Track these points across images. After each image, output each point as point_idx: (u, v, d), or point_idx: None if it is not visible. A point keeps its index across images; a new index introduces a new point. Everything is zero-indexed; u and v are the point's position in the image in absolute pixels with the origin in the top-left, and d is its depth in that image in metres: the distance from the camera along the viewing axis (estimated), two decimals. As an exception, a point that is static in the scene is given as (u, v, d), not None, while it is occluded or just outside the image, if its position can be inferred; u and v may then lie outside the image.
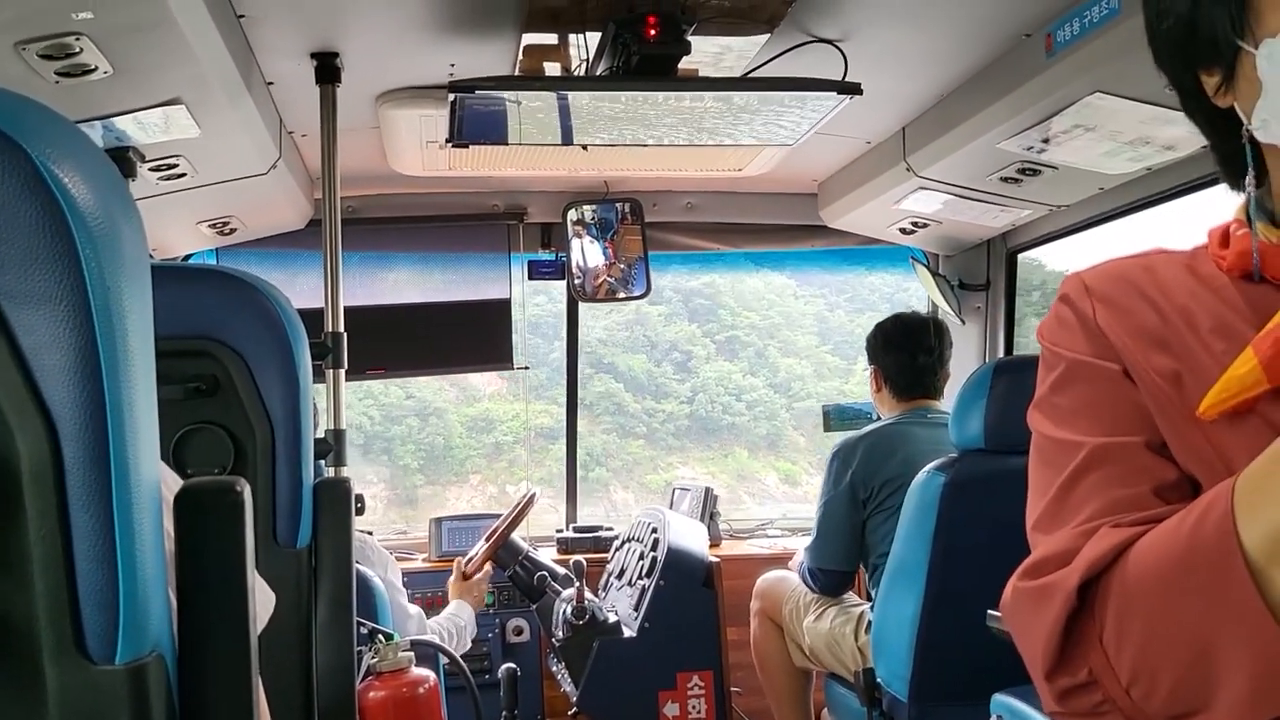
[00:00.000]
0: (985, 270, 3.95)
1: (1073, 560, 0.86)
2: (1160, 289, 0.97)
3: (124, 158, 2.52)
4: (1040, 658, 0.88)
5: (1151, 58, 1.00)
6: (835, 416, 4.36)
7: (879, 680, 2.86)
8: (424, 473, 9.57)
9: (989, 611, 2.34)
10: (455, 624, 3.17)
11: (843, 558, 3.26)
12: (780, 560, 3.88)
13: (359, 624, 1.92)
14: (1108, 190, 3.07)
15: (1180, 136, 2.57)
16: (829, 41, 2.50)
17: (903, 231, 3.80)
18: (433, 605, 3.66)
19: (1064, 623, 0.85)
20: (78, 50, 1.97)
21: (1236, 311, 0.92)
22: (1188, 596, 0.78)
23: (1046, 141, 2.73)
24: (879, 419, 3.51)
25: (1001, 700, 2.44)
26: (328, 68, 2.61)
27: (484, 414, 9.73)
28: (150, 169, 2.70)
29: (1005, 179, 3.08)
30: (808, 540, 3.40)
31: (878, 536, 3.14)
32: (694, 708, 3.12)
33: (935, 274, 3.97)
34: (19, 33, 1.88)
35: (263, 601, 0.90)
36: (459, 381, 9.78)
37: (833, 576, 3.29)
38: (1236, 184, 0.99)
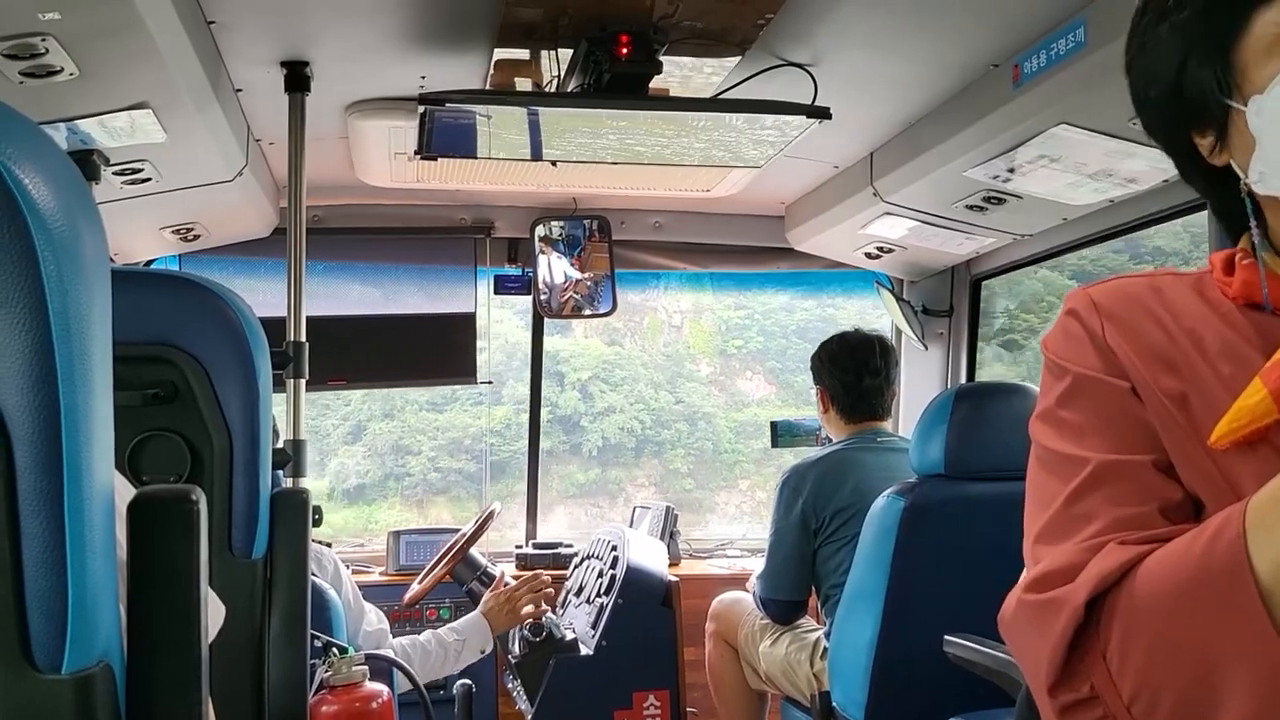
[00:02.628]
0: (949, 296, 3.99)
1: (1077, 575, 0.87)
2: (1168, 309, 0.97)
3: (88, 161, 2.49)
4: (1044, 671, 0.88)
5: (1110, 90, 1.02)
6: (783, 432, 4.35)
7: (835, 705, 2.86)
8: (693, 477, 9.40)
9: (945, 636, 2.35)
10: (428, 645, 2.90)
11: (794, 588, 3.23)
12: (738, 580, 3.88)
13: (313, 636, 1.90)
14: (1071, 221, 3.10)
15: (1142, 170, 2.60)
16: (799, 65, 2.51)
17: (868, 256, 3.82)
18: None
19: (1069, 637, 0.86)
20: (43, 51, 1.94)
21: (1243, 336, 0.93)
22: (1195, 616, 0.79)
23: (1012, 171, 2.75)
24: (828, 440, 3.50)
25: (956, 725, 2.45)
26: (297, 76, 2.59)
27: (752, 419, 9.51)
28: (114, 173, 2.67)
29: (970, 207, 3.10)
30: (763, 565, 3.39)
31: (829, 567, 3.12)
32: (649, 728, 3.10)
33: (899, 299, 4.00)
34: (-17, 32, 1.86)
35: (212, 614, 0.89)
36: (727, 386, 9.63)
37: (784, 607, 3.27)
38: (1236, 238, 1.00)
